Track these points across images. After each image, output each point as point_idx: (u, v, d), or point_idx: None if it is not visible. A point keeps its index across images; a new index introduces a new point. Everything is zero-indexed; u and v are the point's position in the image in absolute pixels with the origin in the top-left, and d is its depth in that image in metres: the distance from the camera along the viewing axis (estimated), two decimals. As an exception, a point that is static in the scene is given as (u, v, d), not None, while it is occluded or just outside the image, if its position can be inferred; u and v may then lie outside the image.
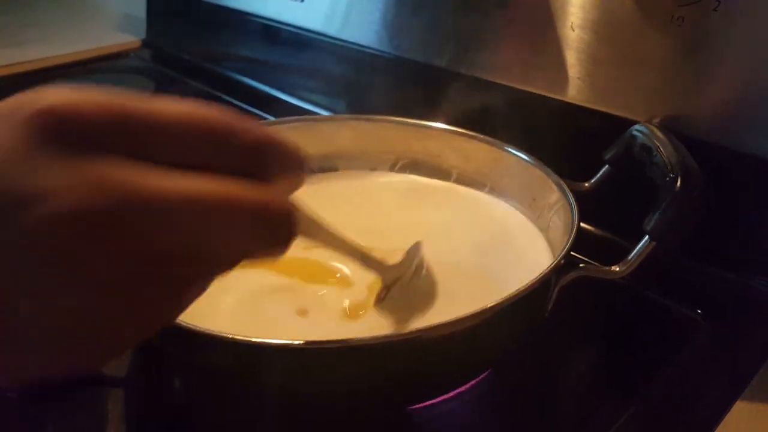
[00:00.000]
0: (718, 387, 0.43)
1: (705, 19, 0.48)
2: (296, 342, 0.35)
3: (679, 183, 0.42)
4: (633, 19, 0.52)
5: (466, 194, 0.59)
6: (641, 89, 0.53)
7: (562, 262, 0.41)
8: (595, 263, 0.46)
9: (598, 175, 0.52)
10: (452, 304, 0.42)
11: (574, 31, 0.56)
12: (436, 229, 0.53)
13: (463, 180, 0.60)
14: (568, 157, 0.53)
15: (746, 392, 0.42)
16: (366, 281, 0.46)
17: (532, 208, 0.54)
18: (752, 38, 0.47)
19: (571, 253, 0.42)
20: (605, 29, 0.54)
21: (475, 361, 0.41)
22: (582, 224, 0.45)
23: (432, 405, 0.41)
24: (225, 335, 0.35)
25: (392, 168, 0.63)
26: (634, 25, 0.52)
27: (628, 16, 0.52)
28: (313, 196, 0.30)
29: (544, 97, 0.59)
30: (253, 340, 0.35)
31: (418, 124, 0.61)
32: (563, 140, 0.57)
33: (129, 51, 1.15)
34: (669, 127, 0.50)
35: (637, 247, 0.42)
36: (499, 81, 0.62)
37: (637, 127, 0.50)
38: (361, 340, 0.35)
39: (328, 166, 0.63)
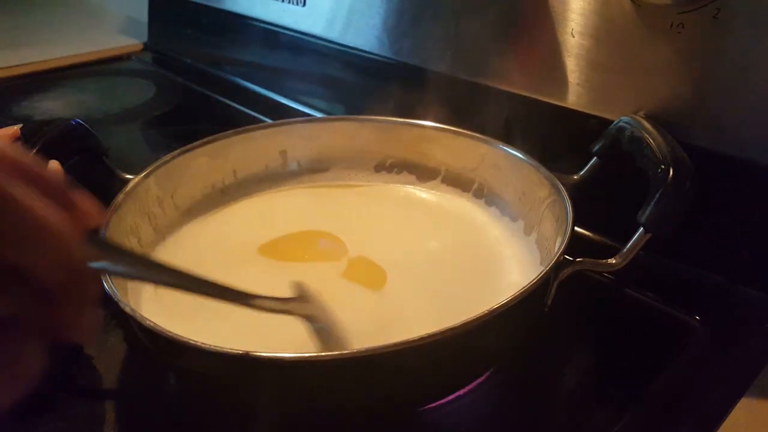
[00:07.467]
0: (716, 392, 0.42)
1: (705, 26, 0.47)
2: (300, 355, 0.33)
3: (671, 174, 0.41)
4: (633, 25, 0.51)
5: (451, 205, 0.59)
6: (641, 96, 0.52)
7: (562, 258, 0.40)
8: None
9: (587, 167, 0.51)
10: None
11: (574, 37, 0.55)
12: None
13: (451, 177, 0.59)
14: (567, 161, 0.52)
15: (744, 398, 0.41)
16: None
17: (522, 202, 0.52)
18: (751, 45, 0.46)
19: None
20: (605, 36, 0.53)
21: (481, 359, 0.41)
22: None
23: (429, 408, 0.40)
24: (226, 349, 0.33)
25: (381, 166, 0.62)
26: (634, 31, 0.51)
27: (628, 22, 0.51)
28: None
29: (544, 102, 0.58)
30: (250, 353, 0.33)
31: (405, 122, 0.61)
32: (561, 145, 0.56)
33: (131, 54, 1.16)
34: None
35: (632, 240, 0.41)
36: (499, 86, 0.62)
37: (624, 118, 0.49)
38: (373, 349, 0.33)
39: (318, 166, 0.63)
